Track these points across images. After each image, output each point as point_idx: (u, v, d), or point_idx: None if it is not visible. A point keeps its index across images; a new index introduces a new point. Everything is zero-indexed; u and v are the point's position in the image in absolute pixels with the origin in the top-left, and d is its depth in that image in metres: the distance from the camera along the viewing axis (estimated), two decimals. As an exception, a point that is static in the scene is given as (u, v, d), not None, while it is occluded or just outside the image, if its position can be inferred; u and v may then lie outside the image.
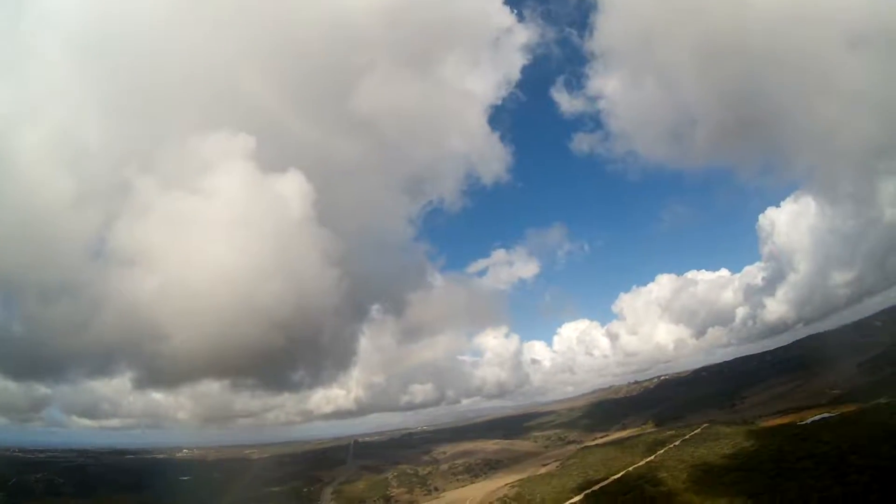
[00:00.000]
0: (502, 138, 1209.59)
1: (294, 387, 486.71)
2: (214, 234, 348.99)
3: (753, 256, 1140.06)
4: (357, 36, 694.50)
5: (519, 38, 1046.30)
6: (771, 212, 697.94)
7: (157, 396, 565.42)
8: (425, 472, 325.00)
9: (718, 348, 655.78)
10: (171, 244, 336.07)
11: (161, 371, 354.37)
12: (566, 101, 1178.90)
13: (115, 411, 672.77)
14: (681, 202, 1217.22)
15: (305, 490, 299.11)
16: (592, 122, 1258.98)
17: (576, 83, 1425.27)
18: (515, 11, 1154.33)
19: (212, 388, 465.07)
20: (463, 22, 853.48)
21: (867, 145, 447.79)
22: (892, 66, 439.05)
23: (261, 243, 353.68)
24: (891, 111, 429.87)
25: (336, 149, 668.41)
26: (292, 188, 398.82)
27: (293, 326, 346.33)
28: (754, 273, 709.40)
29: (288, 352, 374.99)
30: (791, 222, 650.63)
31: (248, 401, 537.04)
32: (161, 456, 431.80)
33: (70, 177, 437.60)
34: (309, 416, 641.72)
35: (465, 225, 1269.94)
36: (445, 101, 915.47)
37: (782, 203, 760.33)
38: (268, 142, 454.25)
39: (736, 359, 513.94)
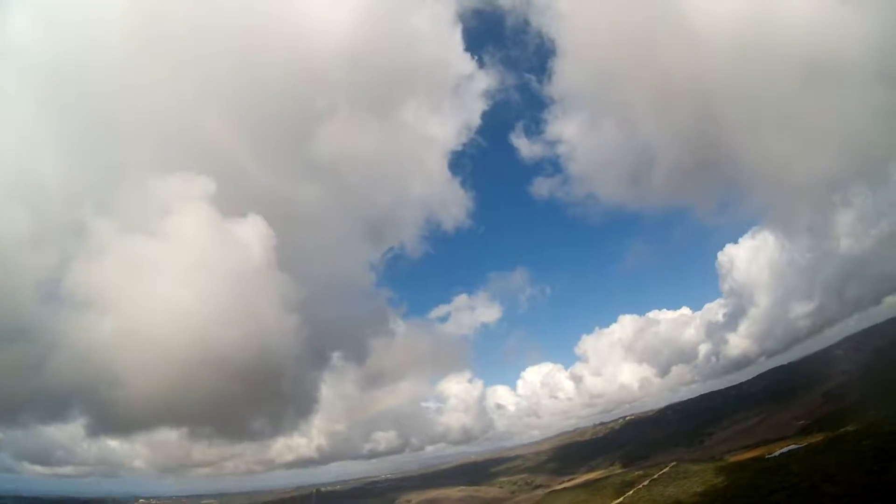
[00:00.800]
0: (463, 183, 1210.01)
1: (254, 435, 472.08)
2: (172, 279, 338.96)
3: (714, 293, 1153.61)
4: (319, 79, 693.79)
5: (479, 85, 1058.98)
6: (730, 248, 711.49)
7: (113, 444, 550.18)
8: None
9: (683, 386, 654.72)
10: (127, 287, 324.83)
11: (116, 417, 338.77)
12: (525, 146, 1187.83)
13: (68, 458, 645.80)
14: (641, 243, 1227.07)
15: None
16: (552, 166, 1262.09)
17: (535, 128, 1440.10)
18: (476, 58, 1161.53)
19: (169, 437, 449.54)
20: (424, 68, 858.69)
21: (822, 179, 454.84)
22: (843, 100, 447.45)
23: (219, 288, 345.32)
24: (844, 144, 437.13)
25: (297, 193, 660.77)
26: (252, 233, 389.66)
27: (252, 374, 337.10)
28: (715, 310, 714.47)
29: (247, 400, 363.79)
30: (750, 258, 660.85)
31: (206, 450, 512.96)
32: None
33: (24, 214, 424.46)
34: (270, 466, 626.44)
35: (427, 270, 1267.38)
36: (406, 146, 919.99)
37: (740, 239, 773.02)
38: (228, 185, 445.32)
39: (701, 395, 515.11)
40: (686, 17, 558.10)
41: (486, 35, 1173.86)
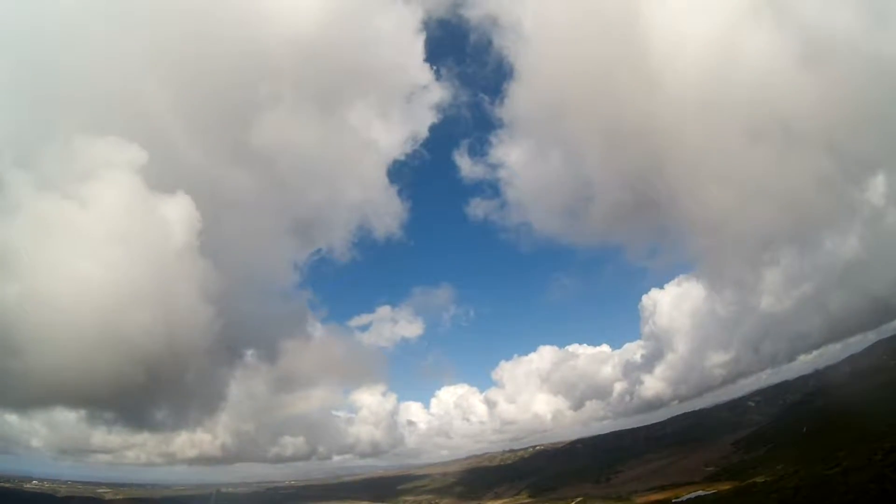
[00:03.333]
0: (400, 193, 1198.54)
1: (156, 426, 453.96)
2: (86, 249, 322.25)
3: (634, 334, 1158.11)
4: (268, 65, 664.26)
5: (433, 97, 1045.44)
6: (654, 292, 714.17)
7: (10, 418, 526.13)
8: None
9: (595, 421, 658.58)
10: (37, 250, 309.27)
11: (12, 390, 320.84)
12: (467, 166, 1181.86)
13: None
14: (569, 276, 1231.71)
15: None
16: (491, 189, 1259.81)
17: (479, 149, 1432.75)
18: (434, 69, 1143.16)
19: (68, 417, 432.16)
20: (380, 71, 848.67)
21: (754, 236, 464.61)
22: (787, 164, 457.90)
23: (135, 267, 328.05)
24: (781, 206, 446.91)
25: (228, 179, 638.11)
26: (178, 213, 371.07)
27: (159, 362, 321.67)
28: (634, 350, 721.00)
29: (151, 388, 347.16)
30: (673, 304, 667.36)
31: (106, 435, 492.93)
32: (7, 485, 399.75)
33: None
34: (171, 459, 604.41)
35: (352, 277, 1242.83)
36: (348, 147, 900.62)
37: (666, 285, 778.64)
38: (159, 159, 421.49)
39: (612, 432, 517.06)
40: (648, 61, 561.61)
41: (447, 47, 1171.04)
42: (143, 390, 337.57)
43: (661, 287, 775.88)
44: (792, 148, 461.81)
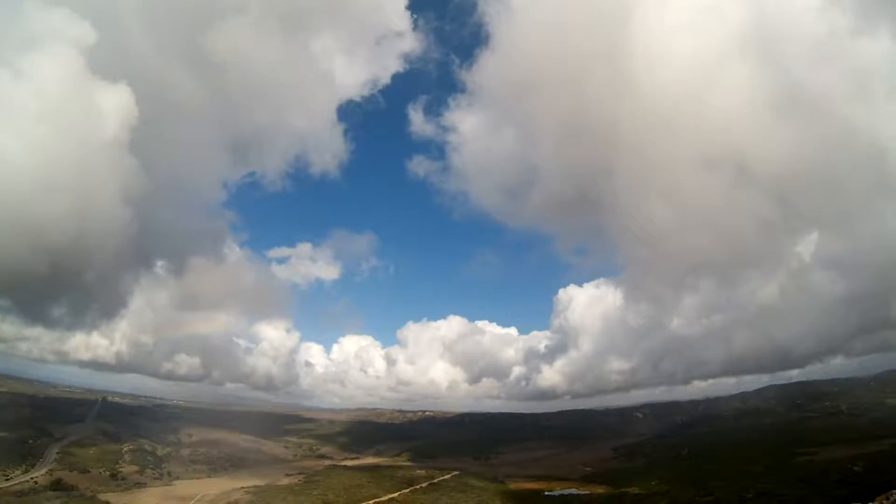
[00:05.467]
0: (345, 133, 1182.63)
1: (52, 322, 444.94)
2: (12, 122, 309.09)
3: (544, 324, 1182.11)
4: None
5: (404, 45, 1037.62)
6: (572, 289, 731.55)
7: None
8: (164, 452, 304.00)
9: (488, 399, 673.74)
10: None
11: None
12: (420, 122, 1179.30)
13: None
14: (494, 254, 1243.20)
15: (31, 442, 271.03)
16: (438, 150, 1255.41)
17: (436, 108, 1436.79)
18: (414, 18, 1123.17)
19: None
20: (358, 7, 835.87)
21: (685, 259, 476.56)
22: (732, 197, 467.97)
23: (59, 151, 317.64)
24: (717, 236, 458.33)
25: (176, 81, 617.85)
26: (116, 103, 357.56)
27: (64, 255, 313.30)
28: (540, 339, 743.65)
29: (52, 282, 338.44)
30: (588, 304, 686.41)
31: None
32: None
33: None
34: (64, 359, 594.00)
35: (280, 208, 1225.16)
36: (304, 75, 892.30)
37: (586, 284, 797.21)
38: (108, 43, 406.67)
39: (501, 413, 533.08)
40: (627, 66, 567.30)
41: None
42: (43, 282, 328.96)
43: (580, 285, 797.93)
44: (741, 186, 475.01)
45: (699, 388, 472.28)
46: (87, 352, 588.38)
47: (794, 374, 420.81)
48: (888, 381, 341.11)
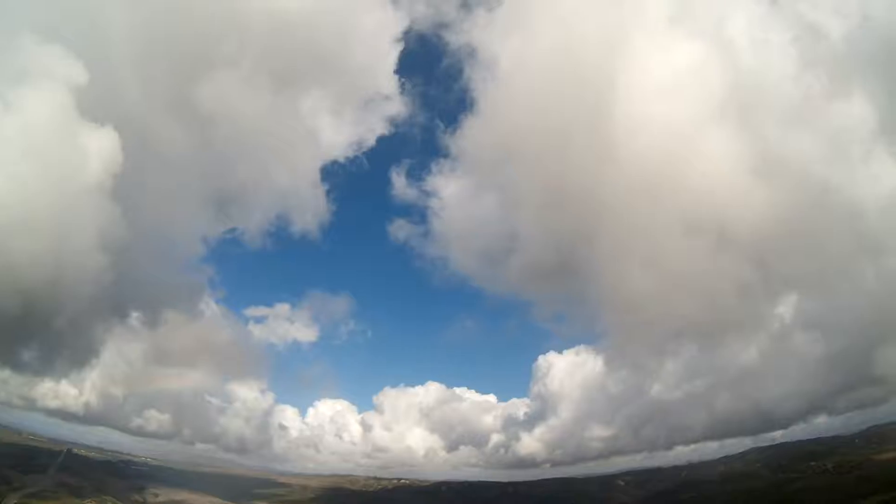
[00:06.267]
0: (328, 194, 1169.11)
1: (21, 366, 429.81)
2: None
3: (523, 391, 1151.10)
4: (235, 25, 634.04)
5: (391, 109, 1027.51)
6: (552, 356, 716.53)
7: None
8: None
9: (466, 466, 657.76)
10: None
11: None
12: (402, 186, 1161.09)
13: None
14: (473, 320, 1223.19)
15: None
16: (419, 215, 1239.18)
17: (418, 173, 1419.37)
18: (402, 81, 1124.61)
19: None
20: (349, 70, 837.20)
21: (666, 325, 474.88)
22: (712, 262, 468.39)
23: (40, 190, 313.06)
24: (698, 301, 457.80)
25: (162, 130, 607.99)
26: (101, 147, 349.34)
27: (37, 297, 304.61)
28: (519, 406, 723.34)
29: (22, 324, 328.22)
30: (567, 370, 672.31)
31: None
32: None
33: None
34: (31, 405, 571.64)
35: (259, 266, 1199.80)
36: (290, 133, 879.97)
37: (565, 351, 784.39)
38: (98, 85, 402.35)
39: (479, 482, 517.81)
40: (609, 132, 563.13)
41: (419, 64, 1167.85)
42: (13, 323, 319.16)
43: (560, 352, 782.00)
44: (721, 251, 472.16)
45: (682, 454, 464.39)
46: (55, 399, 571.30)
47: (778, 436, 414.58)
48: (872, 437, 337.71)
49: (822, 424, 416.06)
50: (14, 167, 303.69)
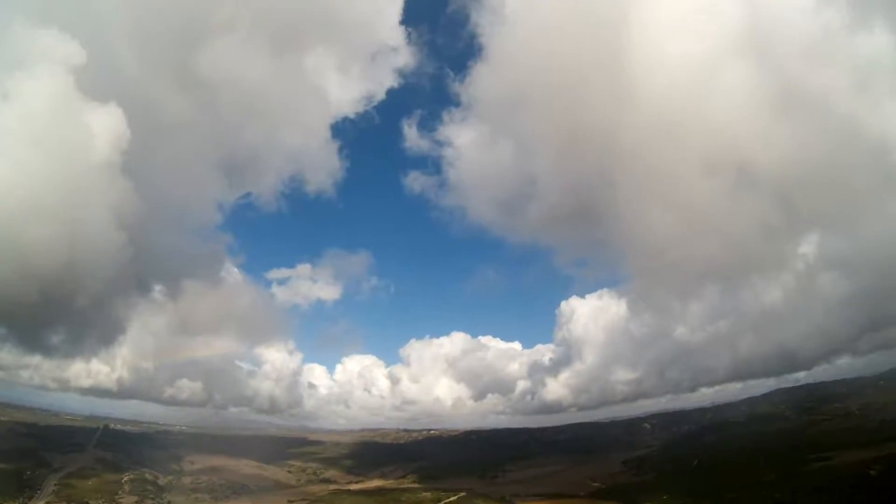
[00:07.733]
0: (339, 151, 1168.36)
1: (50, 350, 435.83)
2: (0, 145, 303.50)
3: (547, 337, 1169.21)
4: None
5: (398, 60, 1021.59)
6: (574, 300, 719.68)
7: None
8: (165, 481, 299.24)
9: (493, 414, 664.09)
10: None
11: None
12: (414, 137, 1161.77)
13: None
14: (494, 268, 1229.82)
15: (28, 474, 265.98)
16: (433, 165, 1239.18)
17: (430, 123, 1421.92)
18: (408, 31, 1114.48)
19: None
20: (351, 23, 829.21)
21: (689, 267, 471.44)
22: (734, 202, 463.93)
23: (48, 174, 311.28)
24: (720, 241, 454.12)
25: (166, 101, 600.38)
26: (107, 124, 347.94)
27: (55, 282, 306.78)
28: (544, 352, 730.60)
29: (45, 308, 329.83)
30: (591, 315, 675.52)
31: None
32: None
33: None
34: (65, 386, 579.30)
35: (277, 229, 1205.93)
36: (296, 93, 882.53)
37: (588, 296, 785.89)
38: (97, 63, 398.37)
39: (507, 429, 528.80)
40: (625, 73, 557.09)
41: (424, 12, 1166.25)
42: (36, 309, 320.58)
43: (583, 297, 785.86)
44: (742, 190, 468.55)
45: (706, 396, 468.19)
46: (87, 379, 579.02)
47: (801, 377, 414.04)
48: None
49: (845, 365, 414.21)
50: (19, 154, 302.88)
